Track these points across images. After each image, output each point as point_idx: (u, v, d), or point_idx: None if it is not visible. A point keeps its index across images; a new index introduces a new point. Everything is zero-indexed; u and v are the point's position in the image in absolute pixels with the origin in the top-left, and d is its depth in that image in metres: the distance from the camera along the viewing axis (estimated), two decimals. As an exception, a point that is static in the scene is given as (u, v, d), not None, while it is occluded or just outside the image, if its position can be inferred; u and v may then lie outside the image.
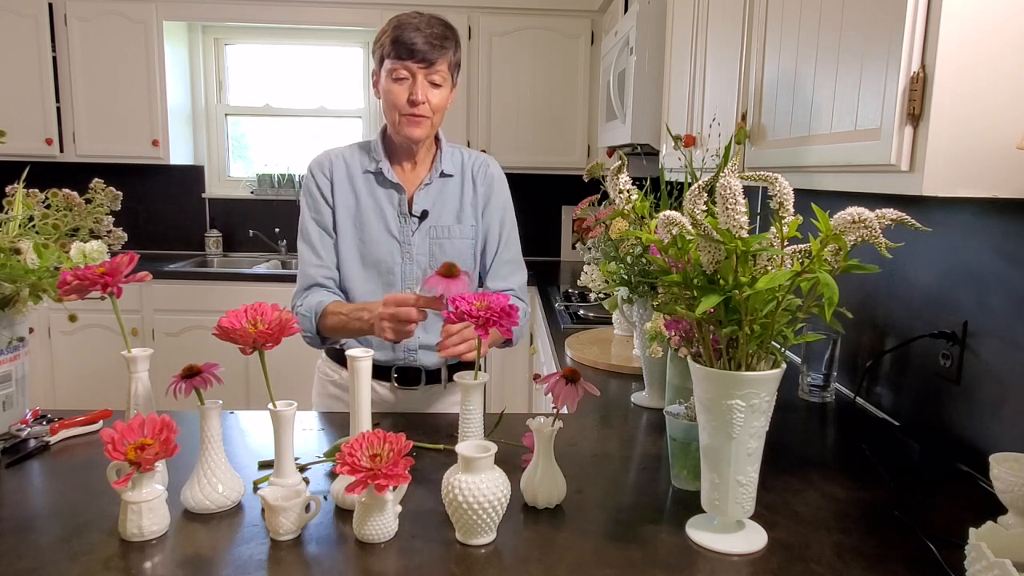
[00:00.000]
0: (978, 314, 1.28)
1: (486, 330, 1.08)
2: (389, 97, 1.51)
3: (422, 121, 1.52)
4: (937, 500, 1.14)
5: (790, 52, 1.34)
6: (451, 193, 1.63)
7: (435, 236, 1.61)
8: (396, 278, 1.60)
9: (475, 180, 1.65)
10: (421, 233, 1.60)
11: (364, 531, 0.96)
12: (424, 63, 1.47)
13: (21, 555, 0.92)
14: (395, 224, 1.59)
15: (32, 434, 1.28)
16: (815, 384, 1.65)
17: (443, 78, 1.51)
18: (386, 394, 1.65)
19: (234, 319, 1.00)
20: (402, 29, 1.47)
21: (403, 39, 1.46)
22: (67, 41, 3.66)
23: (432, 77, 1.50)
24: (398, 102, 1.50)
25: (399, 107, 1.50)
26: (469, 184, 1.64)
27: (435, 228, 1.61)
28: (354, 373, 1.11)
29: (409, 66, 1.47)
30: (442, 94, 1.53)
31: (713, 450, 0.97)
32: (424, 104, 1.50)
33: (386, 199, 1.60)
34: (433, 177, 1.61)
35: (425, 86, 1.49)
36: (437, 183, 1.62)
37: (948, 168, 0.91)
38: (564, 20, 3.82)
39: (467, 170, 1.65)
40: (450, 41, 1.51)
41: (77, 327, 3.57)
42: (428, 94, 1.50)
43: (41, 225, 1.31)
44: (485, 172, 1.66)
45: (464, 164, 1.66)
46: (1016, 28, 0.88)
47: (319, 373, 1.77)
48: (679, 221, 0.91)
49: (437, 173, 1.62)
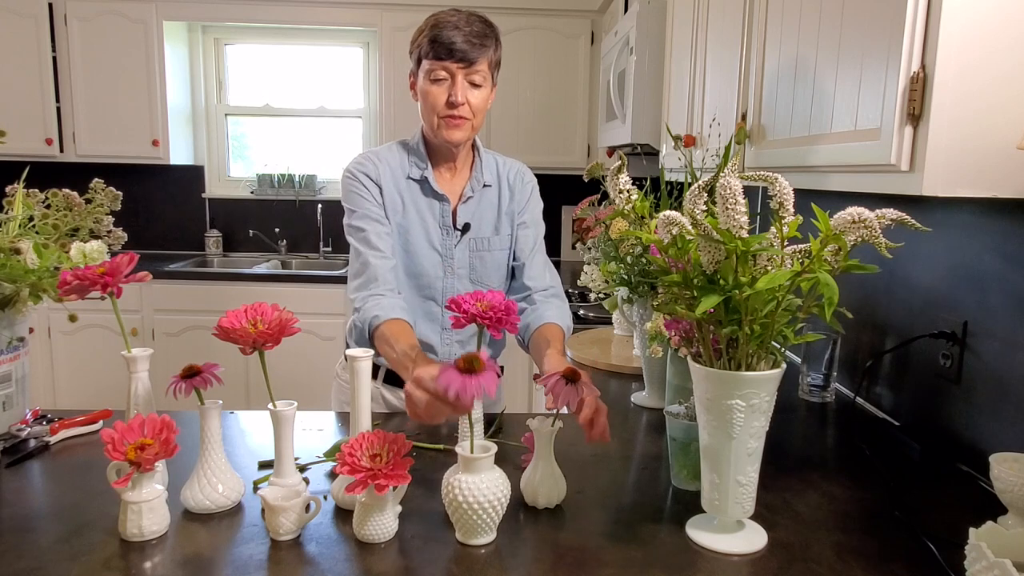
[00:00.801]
0: (978, 314, 1.28)
1: (497, 330, 1.08)
2: (428, 99, 1.45)
3: (462, 123, 1.46)
4: (937, 500, 1.14)
5: (790, 52, 1.34)
6: (489, 203, 1.59)
7: (475, 248, 1.56)
8: (436, 292, 1.55)
9: (512, 189, 1.61)
10: (462, 246, 1.55)
11: (364, 531, 0.96)
12: (464, 63, 1.41)
13: (21, 555, 0.92)
14: (437, 236, 1.54)
15: (32, 434, 1.28)
16: (815, 384, 1.65)
17: (484, 78, 1.45)
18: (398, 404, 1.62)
19: (234, 319, 1.00)
20: (441, 28, 1.41)
21: (442, 38, 1.40)
22: (67, 41, 3.66)
23: (472, 77, 1.44)
24: (437, 104, 1.44)
25: (438, 109, 1.45)
26: (506, 193, 1.60)
27: (475, 240, 1.56)
28: (354, 373, 1.11)
29: (448, 66, 1.42)
30: (483, 94, 1.47)
31: (713, 450, 0.97)
32: (464, 105, 1.44)
33: (428, 210, 1.54)
34: (475, 189, 1.57)
35: (465, 87, 1.44)
36: (478, 194, 1.57)
37: (948, 168, 0.91)
38: (564, 20, 3.82)
39: (503, 178, 1.61)
40: (490, 39, 1.45)
41: (77, 327, 3.57)
42: (468, 95, 1.44)
43: (41, 225, 1.31)
44: (522, 180, 1.63)
45: (500, 172, 1.61)
46: (1016, 28, 0.88)
47: (338, 380, 1.72)
48: (679, 221, 0.91)
49: (479, 184, 1.57)
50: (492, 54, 1.46)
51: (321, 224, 4.14)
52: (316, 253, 4.20)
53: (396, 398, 1.62)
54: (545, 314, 1.49)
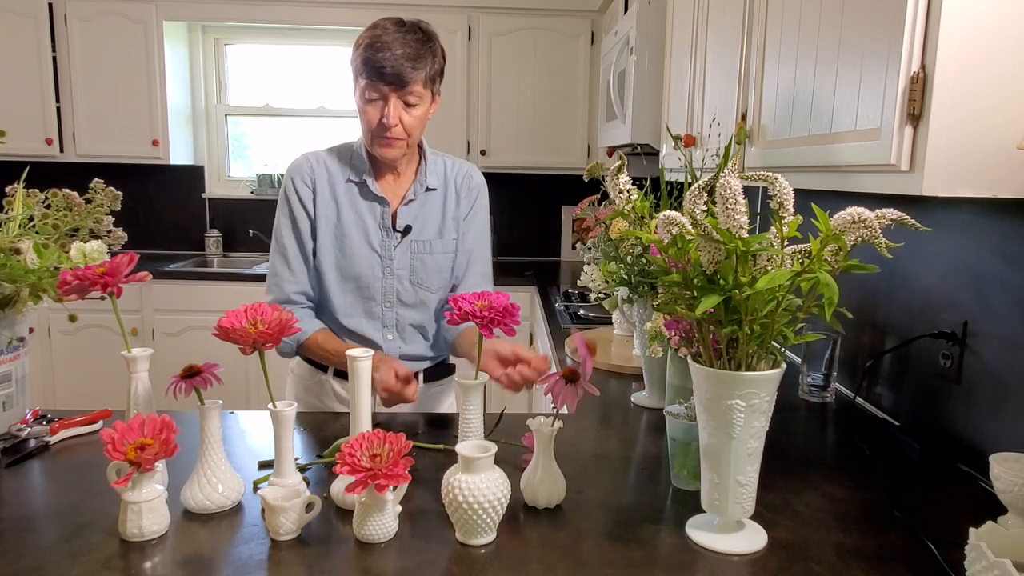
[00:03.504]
0: (978, 314, 1.28)
1: (490, 330, 1.08)
2: (363, 117, 1.47)
3: (395, 143, 1.47)
4: (937, 500, 1.14)
5: (790, 52, 1.34)
6: (434, 207, 1.59)
7: (416, 251, 1.57)
8: (376, 292, 1.56)
9: (459, 192, 1.61)
10: (403, 248, 1.56)
11: (364, 531, 0.96)
12: (395, 85, 1.41)
13: (21, 555, 0.92)
14: (377, 238, 1.55)
15: (32, 434, 1.28)
16: (815, 384, 1.65)
17: (419, 97, 1.45)
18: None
19: (234, 319, 1.00)
20: (373, 49, 1.40)
21: (373, 61, 1.40)
22: (67, 41, 3.66)
23: (406, 98, 1.44)
24: (371, 123, 1.45)
25: (372, 128, 1.46)
26: (452, 196, 1.60)
27: (417, 243, 1.57)
28: (354, 373, 1.11)
29: (380, 88, 1.42)
30: (418, 112, 1.46)
31: (713, 450, 0.97)
32: (397, 127, 1.44)
33: (368, 212, 1.55)
34: (417, 192, 1.57)
35: (399, 107, 1.44)
36: (420, 197, 1.58)
37: (948, 168, 0.91)
38: (564, 20, 3.82)
39: (450, 181, 1.61)
40: (425, 58, 1.44)
41: (77, 327, 3.57)
42: (402, 115, 1.44)
43: (41, 225, 1.31)
44: (469, 184, 1.62)
45: (447, 175, 1.61)
46: (1016, 28, 0.88)
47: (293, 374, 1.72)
48: (679, 221, 0.91)
49: (422, 188, 1.57)
50: (428, 71, 1.45)
51: (321, 224, 4.13)
52: (316, 253, 4.20)
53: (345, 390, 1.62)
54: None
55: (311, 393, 1.65)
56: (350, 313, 1.57)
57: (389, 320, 1.58)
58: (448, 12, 3.68)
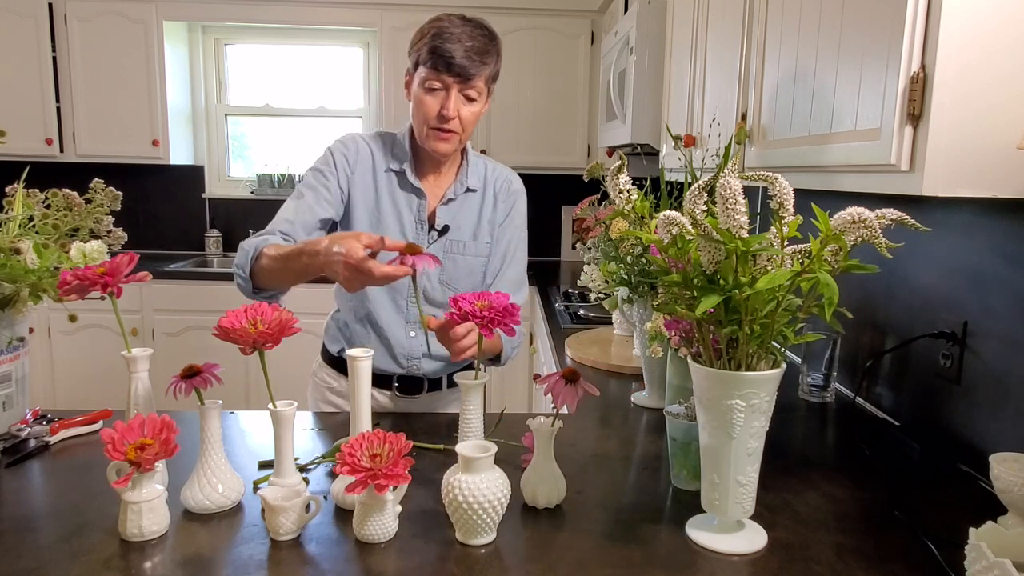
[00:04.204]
0: (978, 314, 1.28)
1: (490, 330, 1.08)
2: (420, 107, 1.44)
3: (450, 137, 1.45)
4: (937, 500, 1.14)
5: (790, 52, 1.34)
6: (471, 208, 1.58)
7: (449, 250, 1.55)
8: (402, 285, 1.53)
9: (497, 196, 1.60)
10: (436, 246, 1.54)
11: (364, 531, 0.96)
12: (460, 78, 1.40)
13: (21, 555, 0.92)
14: (411, 231, 1.53)
15: (32, 434, 1.28)
16: (815, 384, 1.65)
17: (479, 93, 1.44)
18: (386, 402, 1.62)
19: (234, 319, 1.00)
20: (442, 39, 1.38)
21: (442, 50, 1.38)
22: (67, 41, 3.66)
23: (467, 92, 1.43)
24: (428, 114, 1.43)
25: (428, 119, 1.44)
26: (490, 200, 1.59)
27: (451, 242, 1.55)
28: (354, 373, 1.11)
29: (444, 79, 1.40)
30: (475, 109, 1.46)
31: (713, 450, 0.97)
32: (455, 120, 1.43)
33: (405, 203, 1.54)
34: (458, 192, 1.56)
35: (459, 100, 1.42)
36: (460, 197, 1.57)
37: (948, 168, 0.91)
38: (564, 20, 3.82)
39: (489, 184, 1.60)
40: (491, 55, 1.43)
41: (77, 327, 3.57)
42: (461, 109, 1.43)
43: (41, 225, 1.31)
44: (508, 189, 1.62)
45: (487, 178, 1.60)
46: (1016, 28, 0.88)
47: (315, 379, 1.72)
48: (679, 221, 0.91)
49: (463, 188, 1.56)
50: (491, 69, 1.45)
51: (321, 224, 4.14)
52: (316, 253, 4.20)
53: (385, 397, 1.63)
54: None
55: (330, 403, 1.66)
56: (381, 303, 1.55)
57: (413, 316, 1.56)
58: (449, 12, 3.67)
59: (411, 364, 1.59)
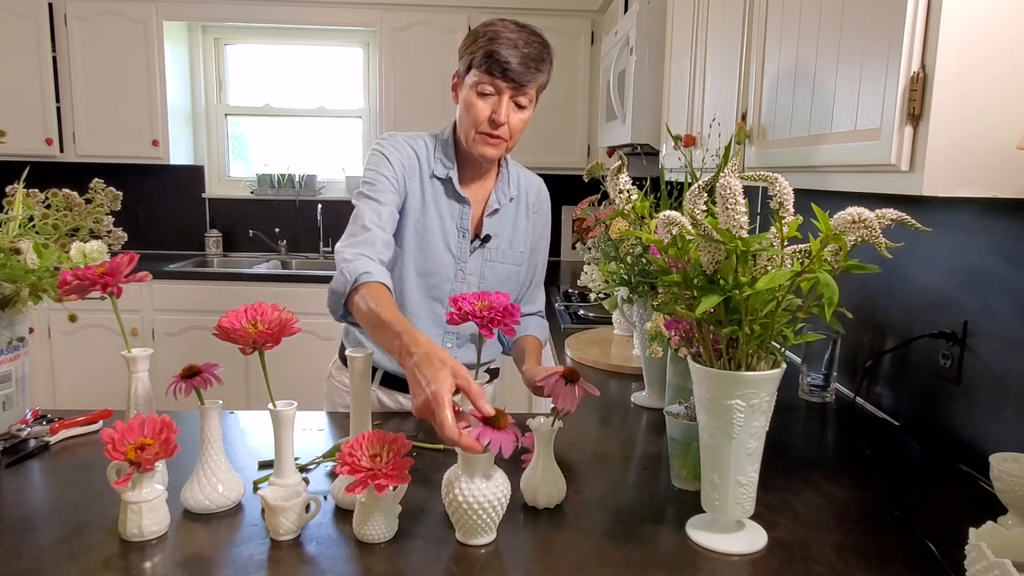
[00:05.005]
0: (978, 314, 1.28)
1: (490, 330, 1.08)
2: (470, 111, 1.42)
3: (499, 143, 1.44)
4: (937, 500, 1.14)
5: (790, 52, 1.34)
6: (507, 216, 1.58)
7: (488, 258, 1.55)
8: (444, 294, 1.52)
9: (529, 206, 1.61)
10: (476, 254, 1.54)
11: (364, 531, 0.96)
12: (514, 83, 1.38)
13: (21, 555, 0.92)
14: (454, 239, 1.52)
15: (32, 434, 1.28)
16: (815, 384, 1.65)
17: (529, 100, 1.43)
18: (405, 402, 1.61)
19: (234, 319, 1.00)
20: (500, 43, 1.36)
21: (499, 56, 1.36)
22: (67, 41, 3.66)
23: (519, 99, 1.41)
24: (478, 118, 1.41)
25: (478, 124, 1.42)
26: (523, 209, 1.60)
27: (490, 250, 1.55)
28: (354, 373, 1.11)
29: (498, 84, 1.38)
30: (524, 116, 1.44)
31: (713, 450, 0.97)
32: (505, 126, 1.42)
33: (448, 211, 1.52)
34: (502, 201, 1.56)
35: (510, 106, 1.41)
36: (504, 207, 1.56)
37: (948, 168, 0.91)
38: (564, 20, 3.82)
39: (523, 192, 1.60)
40: (545, 63, 1.42)
41: (77, 327, 3.57)
42: (511, 115, 1.42)
43: (41, 225, 1.31)
44: (539, 198, 1.63)
45: (521, 186, 1.60)
46: (1016, 28, 0.88)
47: (333, 380, 1.71)
48: (679, 221, 0.91)
49: (506, 198, 1.56)
50: (544, 78, 1.44)
51: (321, 224, 4.14)
52: (316, 253, 4.20)
53: (392, 401, 1.62)
54: (528, 328, 1.60)
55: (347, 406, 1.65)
56: (418, 314, 1.53)
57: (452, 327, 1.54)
58: (448, 12, 3.68)
59: None
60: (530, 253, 1.62)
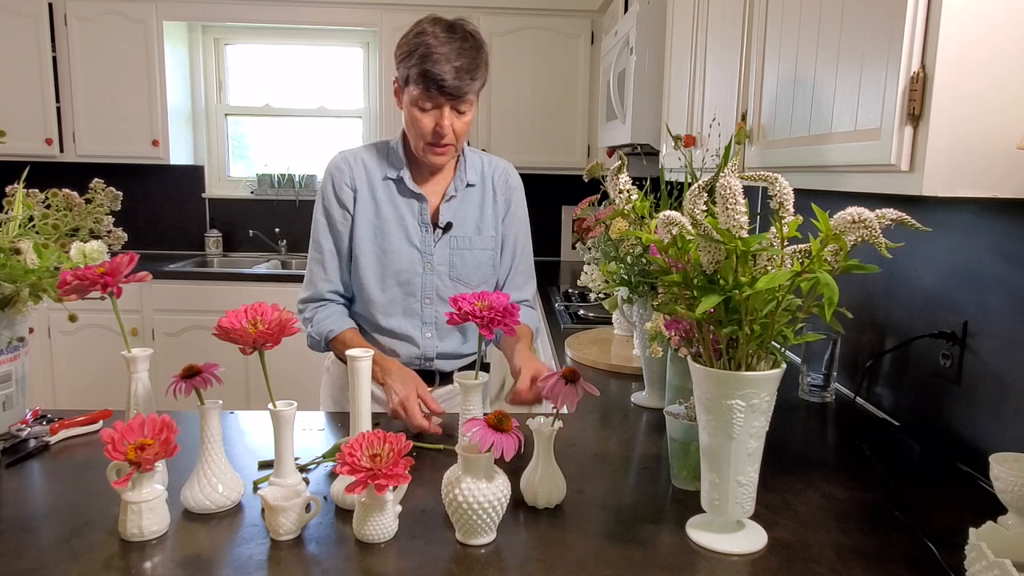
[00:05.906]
0: (978, 314, 1.28)
1: (490, 330, 1.09)
2: (415, 124, 1.46)
3: (447, 150, 1.48)
4: (937, 500, 1.14)
5: (790, 52, 1.34)
6: (472, 203, 1.60)
7: (456, 247, 1.58)
8: (416, 288, 1.57)
9: (495, 189, 1.62)
10: (443, 244, 1.57)
11: (364, 531, 0.96)
12: (452, 97, 1.41)
13: (21, 555, 0.92)
14: (417, 234, 1.56)
15: (32, 434, 1.28)
16: (815, 384, 1.65)
17: (469, 104, 1.46)
18: None
19: (234, 319, 1.00)
20: (432, 61, 1.38)
21: (433, 74, 1.38)
22: (67, 41, 3.66)
23: (459, 107, 1.45)
24: (423, 131, 1.45)
25: (424, 137, 1.46)
26: (490, 193, 1.62)
27: (456, 239, 1.58)
28: (354, 373, 1.11)
29: (436, 99, 1.41)
30: (468, 118, 1.48)
31: (713, 450, 0.97)
32: (449, 135, 1.45)
33: (407, 209, 1.56)
34: (458, 188, 1.58)
35: (452, 116, 1.44)
36: (461, 193, 1.59)
37: (948, 168, 0.91)
38: (564, 20, 3.82)
39: (487, 178, 1.62)
40: (480, 70, 1.44)
41: (77, 327, 3.57)
42: (455, 123, 1.45)
43: (41, 225, 1.31)
44: (506, 181, 1.64)
45: (484, 172, 1.62)
46: (1016, 28, 0.88)
47: (328, 374, 1.74)
48: (679, 221, 0.91)
49: (463, 184, 1.58)
50: (480, 82, 1.46)
51: (321, 224, 4.13)
52: (316, 253, 4.20)
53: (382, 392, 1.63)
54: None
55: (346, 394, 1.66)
56: (390, 312, 1.58)
57: (428, 317, 1.59)
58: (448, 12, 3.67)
59: (424, 364, 1.62)
60: (505, 237, 1.64)
